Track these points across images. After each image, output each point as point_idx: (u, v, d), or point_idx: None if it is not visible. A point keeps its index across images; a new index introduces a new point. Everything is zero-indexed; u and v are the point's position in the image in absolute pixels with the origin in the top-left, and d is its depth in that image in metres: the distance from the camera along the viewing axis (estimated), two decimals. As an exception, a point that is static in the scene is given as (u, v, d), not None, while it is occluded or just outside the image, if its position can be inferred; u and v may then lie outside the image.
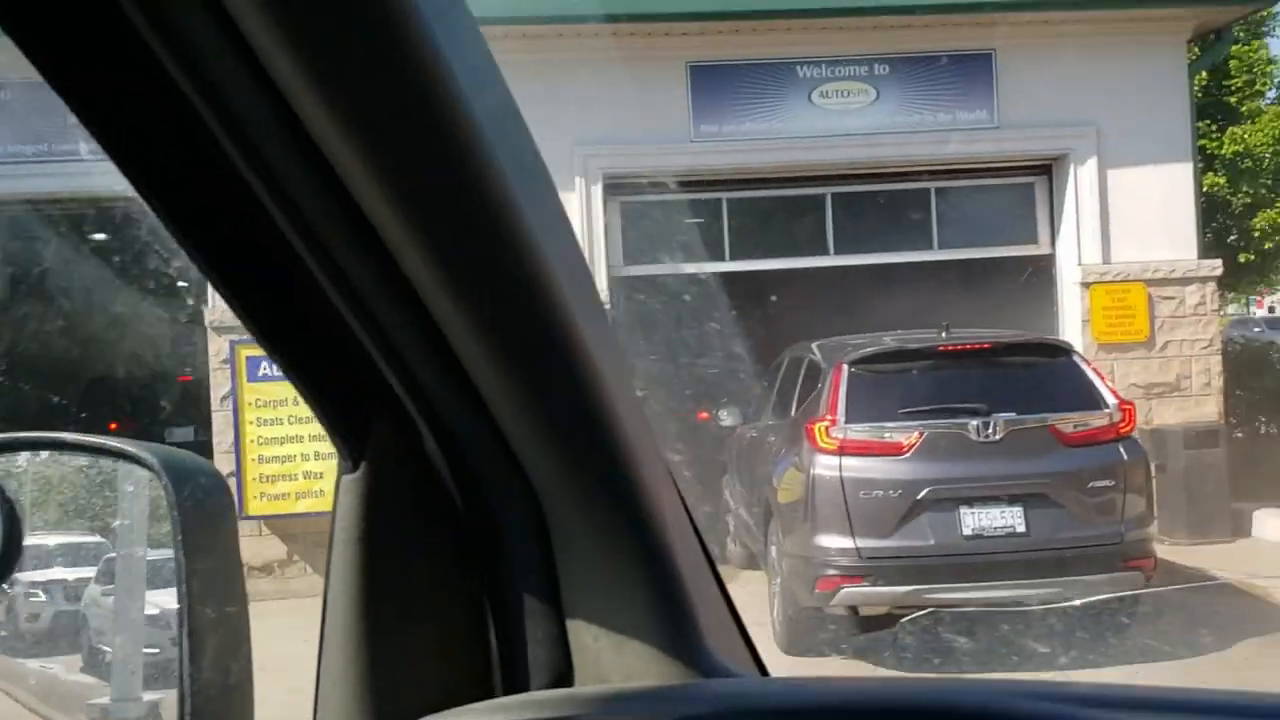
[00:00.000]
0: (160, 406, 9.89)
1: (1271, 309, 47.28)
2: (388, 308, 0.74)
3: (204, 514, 0.89)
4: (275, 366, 0.79)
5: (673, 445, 9.64)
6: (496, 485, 0.83)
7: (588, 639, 0.84)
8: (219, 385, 9.45)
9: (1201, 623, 6.95)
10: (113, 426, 11.99)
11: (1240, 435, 12.00)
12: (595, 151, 9.75)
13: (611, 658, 0.83)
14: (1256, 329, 27.43)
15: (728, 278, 10.30)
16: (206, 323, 9.54)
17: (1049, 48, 10.12)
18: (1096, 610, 6.76)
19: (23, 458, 1.00)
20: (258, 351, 9.34)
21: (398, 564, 0.82)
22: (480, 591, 0.85)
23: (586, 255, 9.75)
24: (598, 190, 9.81)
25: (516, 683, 0.84)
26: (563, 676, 0.85)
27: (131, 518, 1.00)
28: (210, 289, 9.43)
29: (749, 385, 9.38)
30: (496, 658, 0.85)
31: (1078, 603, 6.30)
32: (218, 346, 9.47)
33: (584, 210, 9.74)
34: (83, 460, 1.02)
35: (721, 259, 10.39)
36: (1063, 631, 6.44)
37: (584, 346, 0.74)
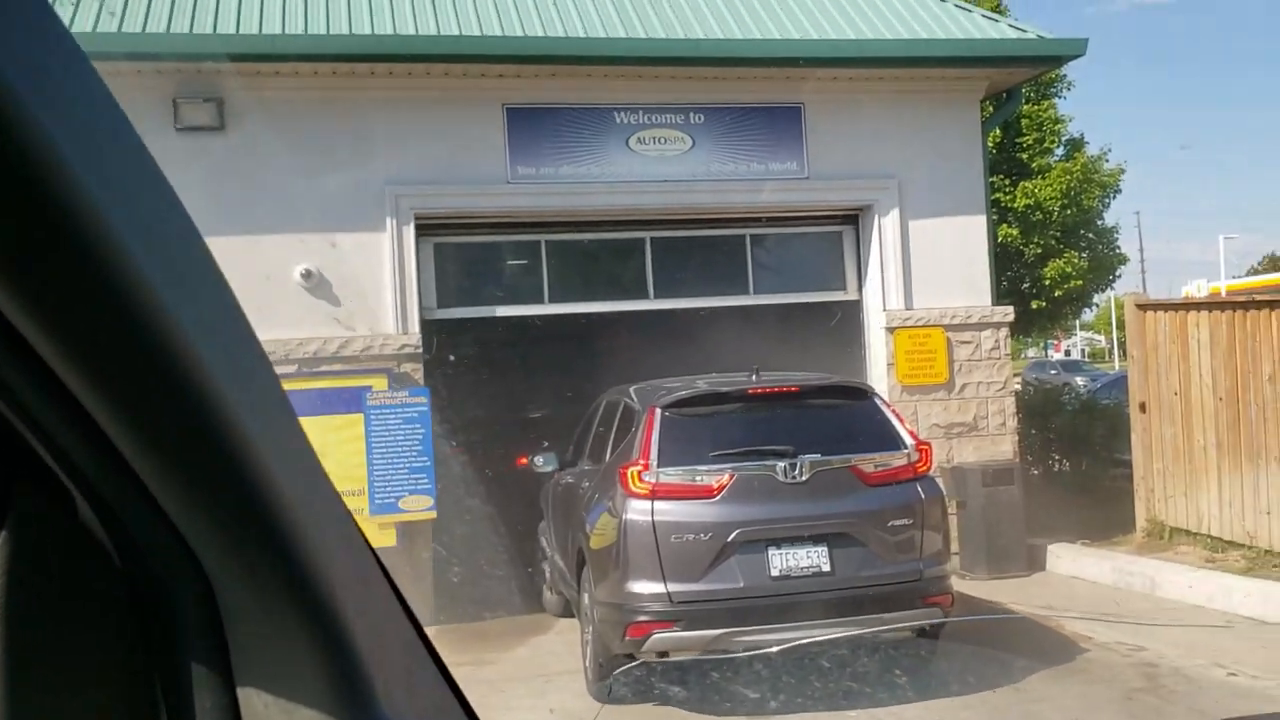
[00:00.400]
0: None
1: (1067, 352, 50.47)
2: (15, 376, 0.67)
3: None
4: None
5: (490, 491, 9.49)
6: (158, 551, 0.79)
7: (258, 705, 0.82)
8: None
9: (996, 656, 7.21)
10: None
11: (1035, 473, 12.66)
12: (407, 191, 9.59)
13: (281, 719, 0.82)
14: (1053, 371, 29.17)
15: (546, 321, 10.27)
16: None
17: (854, 103, 10.54)
18: (896, 647, 6.94)
19: None
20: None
21: (49, 639, 0.77)
22: (148, 661, 0.82)
23: (398, 297, 9.61)
24: (410, 231, 9.63)
25: None
26: None
27: None
28: None
29: (566, 430, 9.32)
30: None
31: (869, 645, 6.46)
32: None
33: (395, 251, 9.55)
34: None
35: (540, 302, 10.35)
36: (857, 672, 6.59)
37: (223, 410, 0.69)
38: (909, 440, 6.93)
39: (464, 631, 8.84)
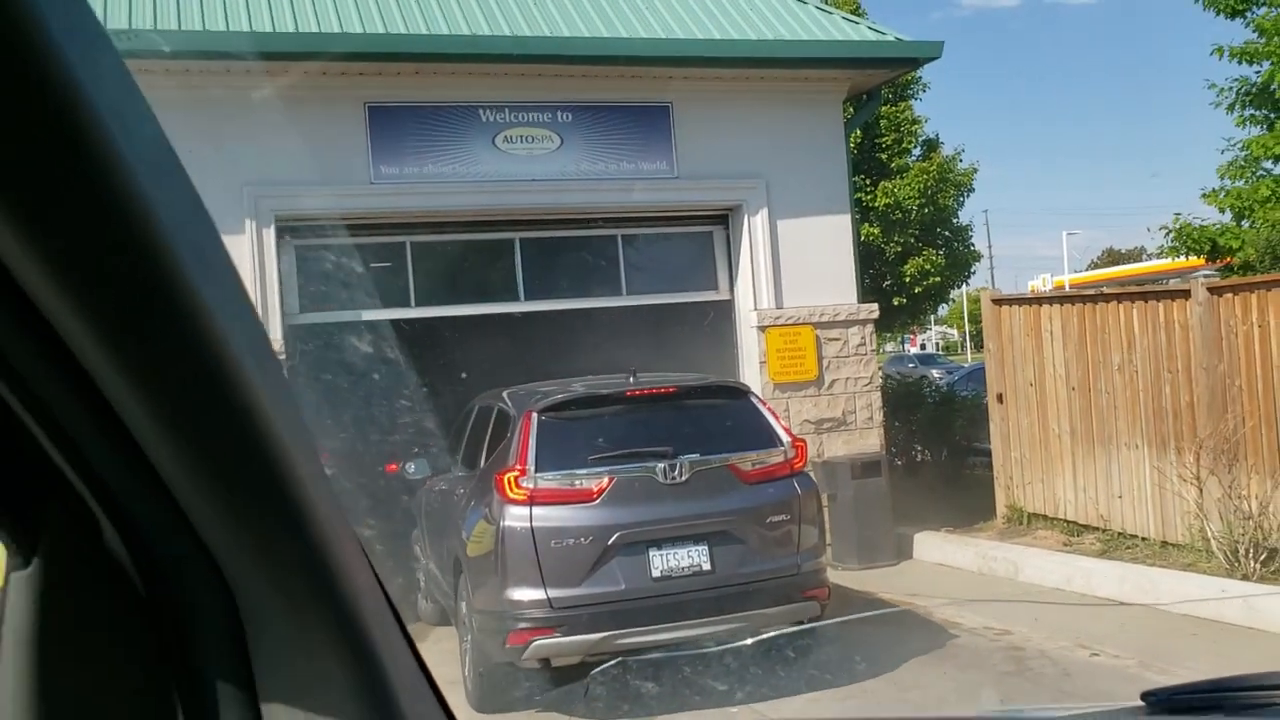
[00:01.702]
0: None
1: (923, 346, 52.18)
2: (53, 389, 0.69)
3: None
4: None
5: (359, 499, 9.23)
6: (183, 571, 0.80)
7: (283, 718, 0.83)
8: None
9: (872, 646, 7.36)
10: None
11: (900, 464, 13.01)
12: (266, 193, 9.26)
13: None
14: (911, 364, 30.08)
15: (413, 325, 10.04)
16: None
17: (721, 103, 10.62)
18: (770, 642, 7.01)
19: None
20: None
21: (78, 662, 0.78)
22: (171, 682, 0.82)
23: (259, 302, 9.28)
24: (270, 233, 9.30)
25: None
26: None
27: None
28: None
29: (438, 436, 9.13)
30: None
31: (749, 641, 6.50)
32: None
33: (255, 254, 9.21)
34: None
35: (407, 305, 10.13)
36: (738, 668, 6.63)
37: (266, 423, 0.70)
38: (785, 438, 7.00)
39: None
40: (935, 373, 23.85)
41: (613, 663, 6.33)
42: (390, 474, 9.14)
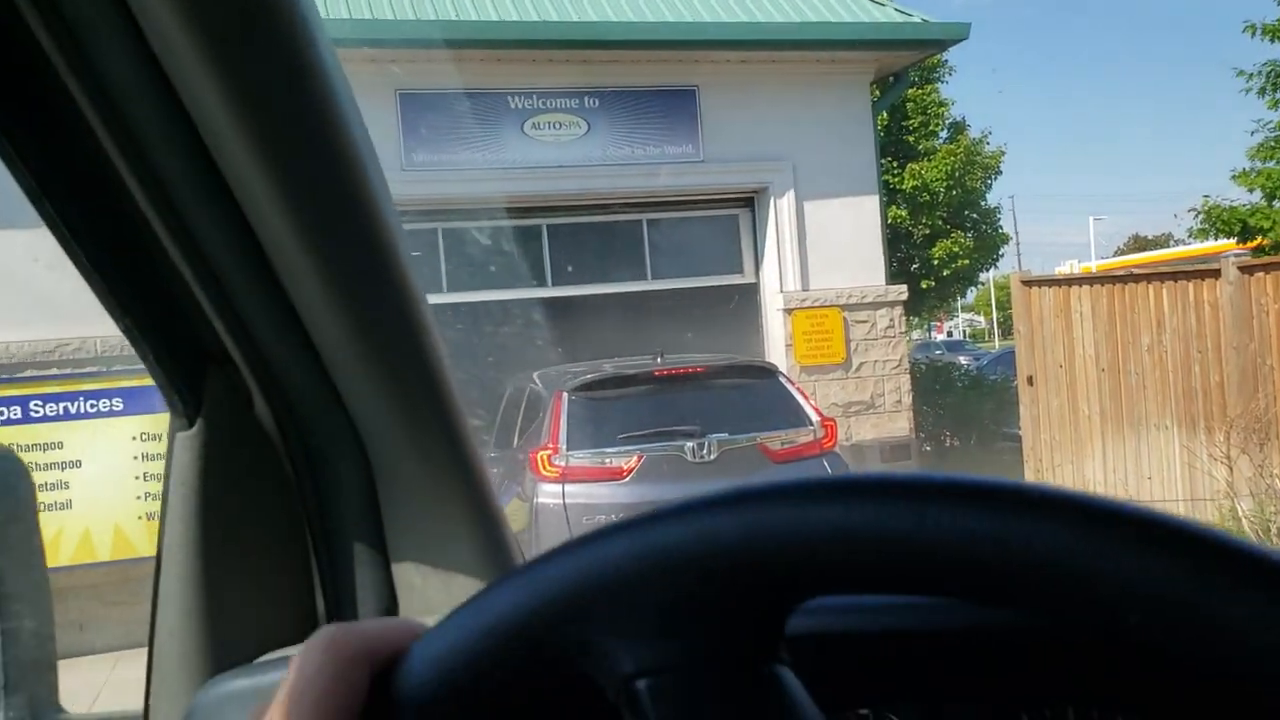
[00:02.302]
0: None
1: (950, 333, 51.94)
2: (225, 257, 0.76)
3: (6, 497, 0.92)
4: (110, 319, 0.77)
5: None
6: (323, 435, 0.86)
7: (415, 578, 0.88)
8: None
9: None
10: None
11: (929, 448, 13.01)
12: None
13: (439, 594, 0.86)
14: (938, 351, 29.98)
15: (444, 310, 10.14)
16: None
17: (748, 86, 10.64)
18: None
19: None
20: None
21: (231, 516, 0.84)
22: (306, 539, 0.88)
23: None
24: (305, 220, 9.40)
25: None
26: (388, 615, 0.88)
27: None
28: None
29: (472, 418, 9.23)
30: (323, 602, 0.88)
31: None
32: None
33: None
34: None
35: (439, 290, 10.22)
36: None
37: (419, 305, 0.79)
38: (814, 417, 7.05)
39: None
40: (963, 359, 23.78)
41: None
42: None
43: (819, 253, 10.76)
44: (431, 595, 0.87)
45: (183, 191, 0.73)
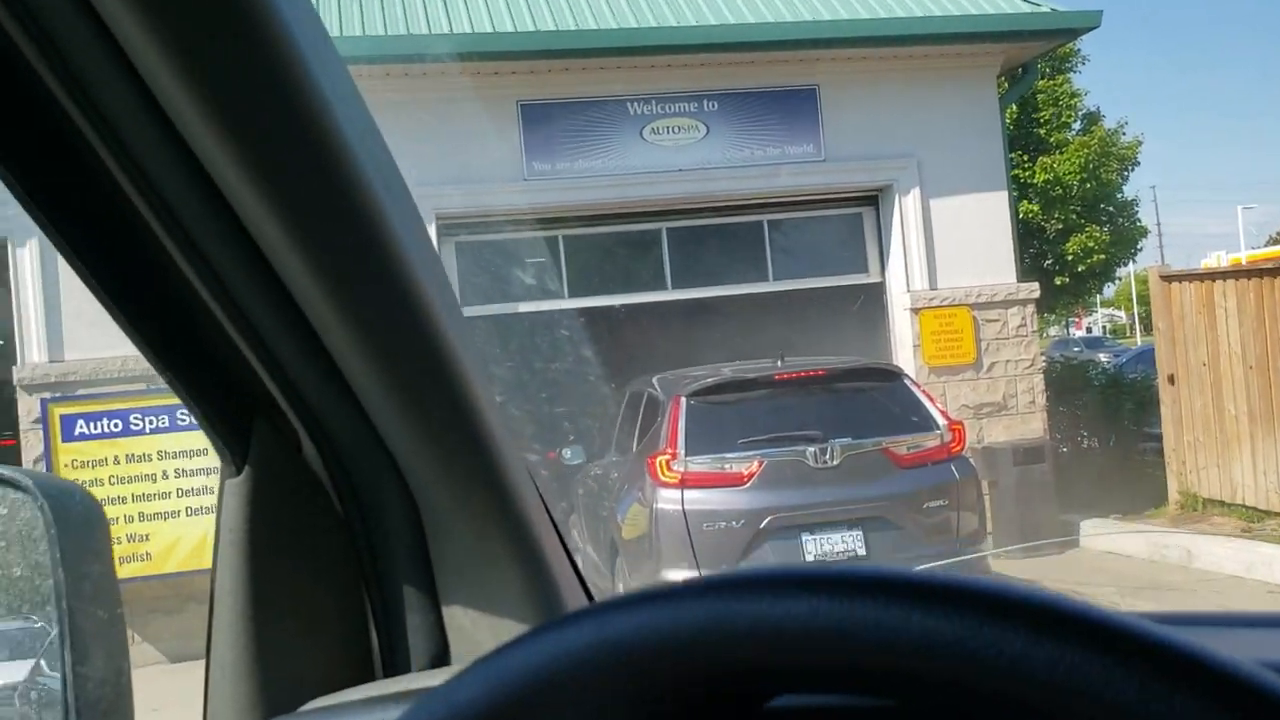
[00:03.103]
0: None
1: (1089, 329, 50.20)
2: (264, 313, 0.78)
3: (81, 532, 0.94)
4: (158, 376, 0.80)
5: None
6: (372, 481, 0.87)
7: (464, 622, 0.89)
8: (31, 447, 8.85)
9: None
10: None
11: (1064, 450, 12.57)
12: (428, 192, 9.57)
13: (487, 637, 0.87)
14: (1076, 348, 29.02)
15: (567, 315, 10.25)
16: (15, 382, 8.95)
17: (870, 83, 10.47)
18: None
19: None
20: (73, 410, 8.85)
21: (281, 561, 0.86)
22: (359, 584, 0.90)
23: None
24: (432, 231, 9.62)
25: (397, 668, 0.89)
26: (439, 659, 0.89)
27: (6, 539, 1.00)
28: (19, 347, 8.91)
29: (592, 423, 9.32)
30: (376, 646, 0.90)
31: None
32: (28, 406, 8.88)
33: (418, 251, 9.53)
34: None
35: (560, 297, 10.34)
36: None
37: (451, 347, 0.80)
38: (941, 421, 6.89)
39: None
40: (1102, 356, 22.92)
41: None
42: (549, 460, 9.36)
43: (947, 251, 10.51)
44: (481, 638, 0.88)
45: (215, 248, 0.75)
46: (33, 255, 8.94)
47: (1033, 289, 10.84)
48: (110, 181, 0.71)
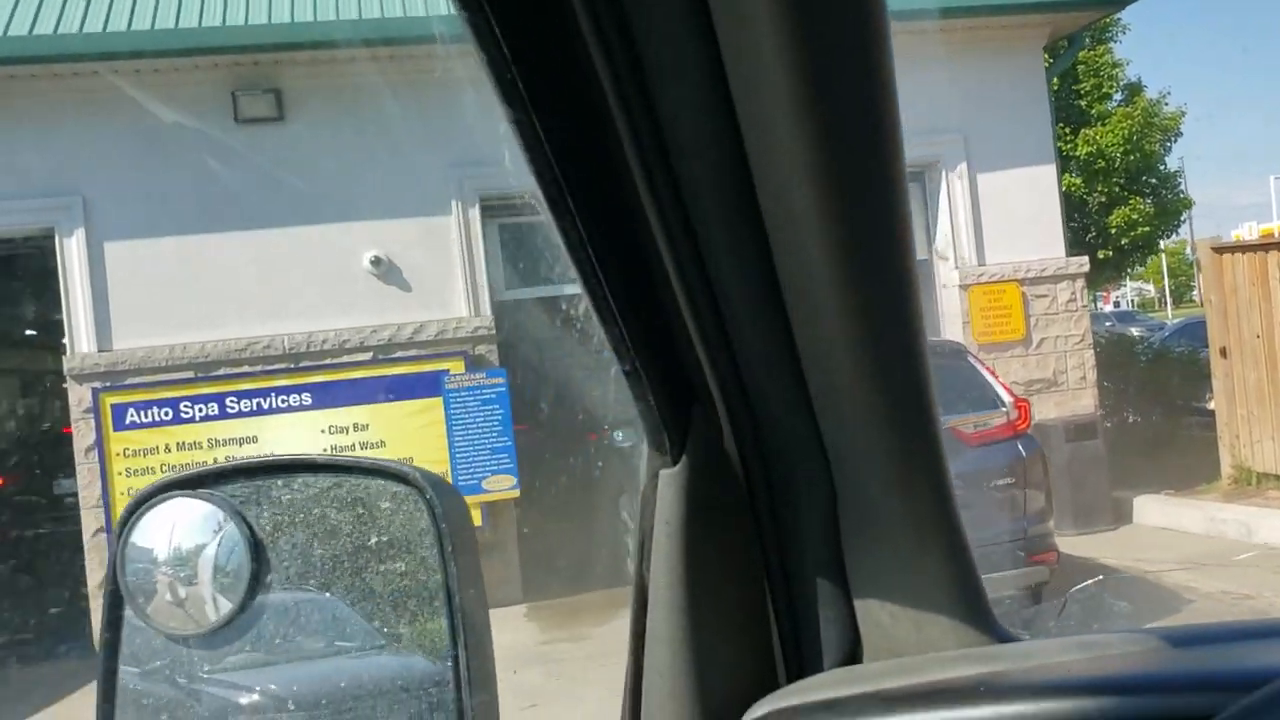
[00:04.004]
0: (43, 459, 9.26)
1: (1116, 303, 49.81)
2: (739, 292, 0.76)
3: (460, 526, 0.96)
4: (614, 358, 0.78)
5: (569, 468, 9.47)
6: (793, 474, 0.85)
7: (882, 617, 0.85)
8: (83, 436, 8.87)
9: (1107, 611, 7.08)
10: (0, 481, 11.37)
11: (1110, 425, 12.45)
12: (471, 173, 9.51)
13: (908, 634, 0.83)
14: (1108, 323, 28.84)
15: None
16: (66, 371, 8.96)
17: (914, 57, 10.28)
18: (1003, 609, 6.82)
19: (263, 483, 1.02)
20: (123, 399, 8.85)
21: (709, 555, 0.84)
22: (763, 578, 0.87)
23: (468, 280, 9.60)
24: (475, 212, 9.57)
25: (805, 665, 0.86)
26: (851, 657, 0.85)
27: (390, 533, 1.02)
28: (69, 337, 8.91)
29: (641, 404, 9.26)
30: (778, 641, 0.87)
31: None
32: (79, 396, 8.89)
33: (462, 234, 9.49)
34: (325, 482, 1.03)
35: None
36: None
37: (922, 333, 0.77)
38: (1007, 398, 6.80)
39: (555, 607, 8.86)
40: (1134, 330, 22.75)
41: (1091, 581, 6.27)
42: (593, 442, 9.34)
43: (994, 226, 10.39)
44: (900, 635, 0.84)
45: (712, 223, 0.72)
46: (79, 245, 8.93)
47: (1082, 263, 10.71)
48: (626, 170, 0.69)
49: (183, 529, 0.96)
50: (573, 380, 10.07)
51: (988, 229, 10.40)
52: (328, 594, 1.02)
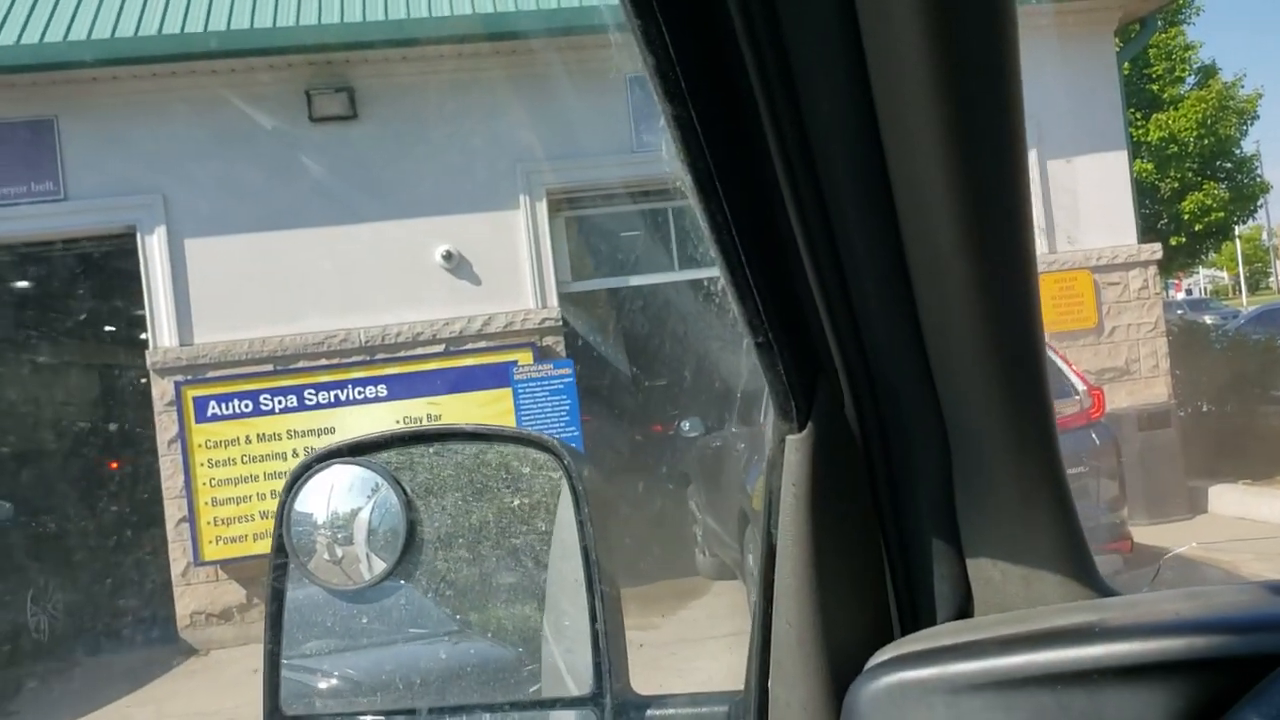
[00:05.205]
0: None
1: (1189, 291, 48.72)
2: (866, 262, 0.80)
3: (592, 491, 1.04)
4: (742, 325, 0.82)
5: (636, 458, 9.55)
6: (908, 435, 0.89)
7: (994, 574, 0.88)
8: (165, 428, 9.13)
9: (1201, 578, 6.98)
10: (113, 465, 11.72)
11: (1184, 415, 12.24)
12: (537, 167, 9.63)
13: (1018, 590, 0.87)
14: (1179, 311, 28.27)
15: (677, 288, 10.24)
16: (149, 365, 9.23)
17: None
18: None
19: (414, 450, 1.11)
20: (204, 392, 9.10)
21: (833, 516, 0.88)
22: (879, 538, 0.91)
23: (535, 273, 9.71)
24: (542, 207, 9.68)
25: (920, 619, 0.89)
26: (963, 612, 0.89)
27: (531, 496, 1.09)
28: (151, 332, 9.18)
29: (707, 395, 9.31)
30: (893, 598, 0.90)
31: None
32: (162, 389, 9.15)
33: (529, 227, 9.60)
34: (471, 449, 1.12)
35: (670, 270, 10.32)
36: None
37: (1038, 301, 0.81)
38: (1081, 386, 6.75)
39: (624, 596, 8.92)
40: (1207, 318, 22.28)
41: (1185, 548, 6.27)
42: (657, 433, 9.40)
43: (1065, 213, 10.27)
44: (1010, 591, 0.88)
45: (847, 207, 0.77)
46: (161, 241, 9.19)
47: (1155, 250, 10.55)
48: (768, 159, 0.75)
49: (340, 493, 1.05)
50: (639, 370, 10.16)
51: (1058, 215, 10.28)
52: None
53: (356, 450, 1.08)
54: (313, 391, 9.03)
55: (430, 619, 1.10)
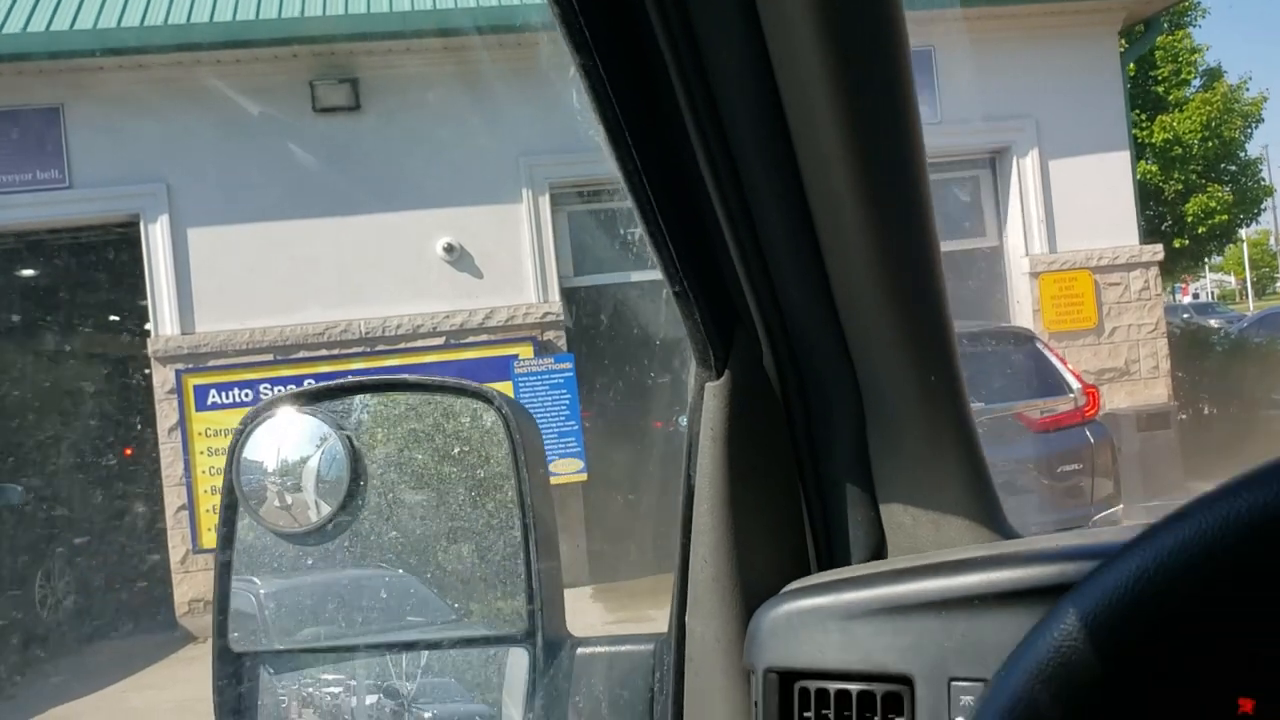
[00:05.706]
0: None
1: (1195, 295, 48.59)
2: (778, 225, 0.85)
3: (529, 440, 1.07)
4: (661, 274, 0.87)
5: (636, 453, 9.56)
6: (825, 389, 0.93)
7: (904, 519, 0.92)
8: (165, 416, 9.17)
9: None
10: (127, 452, 11.79)
11: (1184, 416, 12.24)
12: (540, 161, 9.65)
13: (928, 532, 0.90)
14: (1185, 315, 28.23)
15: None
16: (150, 353, 9.27)
17: (985, 43, 10.23)
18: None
19: (358, 399, 1.16)
20: (205, 380, 9.14)
21: (746, 459, 0.91)
22: (797, 482, 0.95)
23: (537, 267, 9.72)
24: (545, 201, 9.70)
25: (835, 560, 0.93)
26: (877, 554, 0.92)
27: (471, 444, 1.13)
28: (153, 321, 9.22)
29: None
30: (811, 540, 0.94)
31: None
32: (162, 377, 9.20)
33: (532, 222, 9.63)
34: (414, 399, 1.18)
35: (672, 265, 10.33)
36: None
37: (939, 260, 0.85)
38: (1075, 384, 6.76)
39: (620, 590, 8.96)
40: (1214, 323, 22.25)
41: (1110, 510, 6.28)
42: (658, 429, 9.40)
43: (1067, 213, 10.27)
44: (921, 535, 0.91)
45: (755, 165, 0.82)
46: (163, 230, 9.23)
47: (1156, 251, 10.55)
48: (677, 113, 0.79)
49: (289, 441, 1.07)
50: (639, 367, 10.17)
51: (1060, 216, 10.29)
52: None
53: (304, 399, 1.10)
54: (313, 382, 9.05)
55: (373, 560, 1.13)
